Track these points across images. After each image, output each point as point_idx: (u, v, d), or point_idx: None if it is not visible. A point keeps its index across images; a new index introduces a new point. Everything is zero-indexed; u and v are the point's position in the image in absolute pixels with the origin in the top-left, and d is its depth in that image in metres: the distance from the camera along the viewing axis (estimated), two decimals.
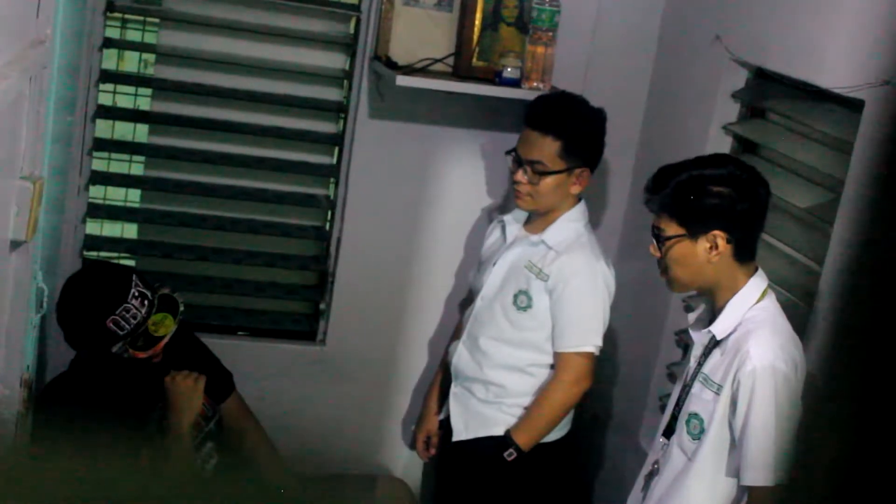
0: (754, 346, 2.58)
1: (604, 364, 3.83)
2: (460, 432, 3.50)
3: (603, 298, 3.36)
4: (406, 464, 4.03)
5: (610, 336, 3.52)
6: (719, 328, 2.67)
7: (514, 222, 3.48)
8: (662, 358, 3.60)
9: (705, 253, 2.65)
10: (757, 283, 2.68)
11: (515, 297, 3.38)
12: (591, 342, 3.36)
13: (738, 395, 2.57)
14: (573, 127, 3.32)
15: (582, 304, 3.33)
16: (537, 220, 3.43)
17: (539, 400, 3.39)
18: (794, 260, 3.05)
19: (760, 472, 2.56)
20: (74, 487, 0.64)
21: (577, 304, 3.33)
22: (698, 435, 2.68)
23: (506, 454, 3.37)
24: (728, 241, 2.64)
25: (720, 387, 2.62)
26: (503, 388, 3.42)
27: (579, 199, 3.41)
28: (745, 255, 2.68)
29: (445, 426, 3.61)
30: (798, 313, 2.84)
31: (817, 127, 2.96)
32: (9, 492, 0.64)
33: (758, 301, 2.66)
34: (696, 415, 2.69)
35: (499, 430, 3.42)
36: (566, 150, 3.30)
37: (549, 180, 3.30)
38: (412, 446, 3.88)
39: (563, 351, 3.36)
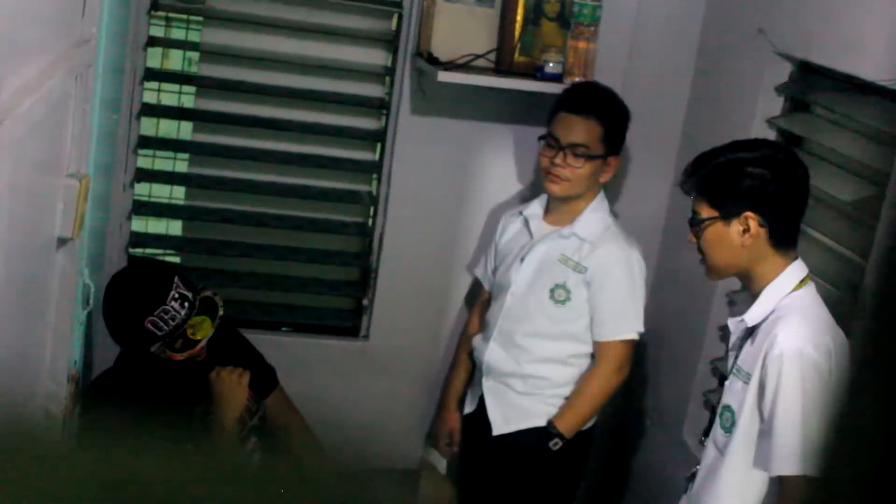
0: (782, 330, 2.54)
1: (648, 358, 3.83)
2: (500, 426, 3.51)
3: (640, 284, 3.41)
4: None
5: (654, 330, 3.52)
6: (751, 315, 2.63)
7: (535, 217, 3.50)
8: (706, 353, 3.59)
9: (738, 236, 2.62)
10: (795, 272, 2.63)
11: (552, 291, 3.40)
12: (633, 329, 3.41)
13: (766, 381, 2.52)
14: (614, 113, 3.41)
15: (621, 293, 3.37)
16: (559, 211, 3.45)
17: (581, 388, 3.42)
18: (839, 254, 3.02)
19: (787, 461, 2.50)
20: (119, 478, 0.65)
21: (616, 294, 3.37)
22: (730, 428, 2.64)
23: (551, 444, 3.40)
24: (761, 225, 2.60)
25: (749, 375, 2.59)
26: (544, 380, 3.44)
27: (599, 189, 3.45)
28: (783, 241, 2.63)
29: (474, 421, 3.61)
30: (842, 308, 2.81)
31: (862, 120, 2.93)
32: (55, 483, 0.65)
33: (794, 290, 2.62)
34: (728, 407, 2.66)
35: (540, 421, 3.44)
36: (606, 136, 3.37)
37: (589, 166, 3.34)
38: (431, 443, 3.89)
39: (604, 340, 3.39)
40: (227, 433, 3.03)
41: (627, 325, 3.40)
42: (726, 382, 2.69)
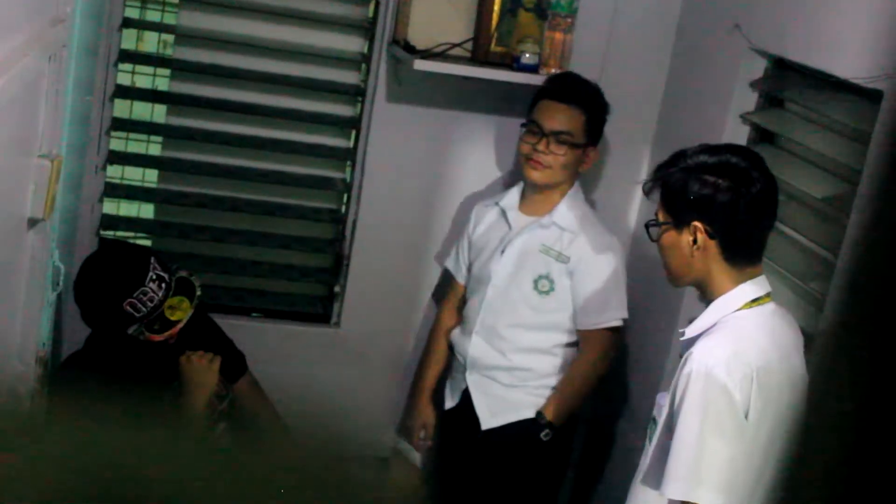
0: (699, 349, 2.39)
1: (621, 353, 3.83)
2: (488, 421, 3.50)
3: (622, 270, 3.44)
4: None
5: (626, 324, 3.52)
6: (690, 328, 2.51)
7: (512, 207, 3.50)
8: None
9: (688, 247, 2.48)
10: (747, 290, 2.47)
11: (536, 282, 3.40)
12: (617, 316, 3.44)
13: (675, 398, 2.41)
14: (596, 104, 3.44)
15: (604, 281, 3.39)
16: (535, 201, 3.46)
17: (569, 377, 3.43)
18: (810, 250, 3.04)
19: (677, 484, 2.36)
20: (89, 458, 0.65)
21: (600, 283, 3.39)
22: (653, 439, 2.55)
23: (542, 435, 3.41)
24: (711, 236, 2.46)
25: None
26: (529, 371, 3.44)
27: (576, 179, 3.48)
28: (737, 256, 2.48)
29: (457, 416, 3.60)
30: (813, 304, 2.83)
31: (835, 117, 2.95)
32: (23, 461, 0.65)
33: (742, 308, 2.46)
34: (654, 419, 2.57)
35: (528, 413, 3.45)
36: (588, 126, 3.40)
37: (571, 153, 3.36)
38: (403, 437, 3.85)
39: (589, 329, 3.40)
40: (196, 417, 3.02)
41: (611, 312, 3.42)
42: (658, 395, 2.62)
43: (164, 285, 2.97)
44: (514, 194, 3.53)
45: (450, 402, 3.64)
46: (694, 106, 3.64)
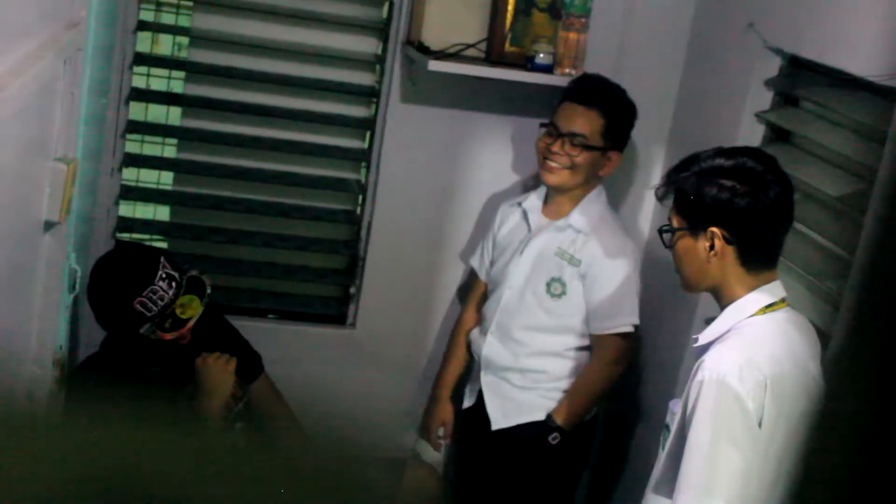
0: (711, 356, 2.36)
1: (635, 355, 3.82)
2: (499, 421, 3.50)
3: (635, 275, 3.40)
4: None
5: (641, 324, 3.51)
6: (704, 334, 2.48)
7: (534, 209, 3.49)
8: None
9: (705, 252, 2.45)
10: (761, 297, 2.44)
11: (549, 285, 3.39)
12: (628, 322, 3.40)
13: (687, 406, 2.38)
14: (617, 108, 3.41)
15: (616, 285, 3.37)
16: (556, 203, 3.45)
17: (580, 382, 3.42)
18: (826, 249, 3.02)
19: (689, 493, 2.31)
20: (106, 460, 0.65)
21: (611, 286, 3.36)
22: (666, 447, 2.52)
23: (550, 438, 3.40)
24: (728, 241, 2.42)
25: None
26: (543, 374, 3.44)
27: (598, 182, 3.45)
28: (755, 261, 2.45)
29: (473, 415, 3.60)
30: (829, 303, 2.82)
31: (851, 115, 2.93)
32: (41, 463, 0.66)
33: (756, 314, 2.43)
34: (667, 426, 2.54)
35: (539, 415, 3.44)
36: (607, 130, 3.37)
37: (586, 156, 3.34)
38: (422, 435, 3.83)
39: (601, 333, 3.38)
40: (213, 418, 3.03)
41: (622, 318, 3.39)
42: (670, 402, 2.59)
43: (174, 284, 2.97)
44: (537, 196, 3.52)
45: (467, 402, 3.65)
46: (709, 105, 3.63)
